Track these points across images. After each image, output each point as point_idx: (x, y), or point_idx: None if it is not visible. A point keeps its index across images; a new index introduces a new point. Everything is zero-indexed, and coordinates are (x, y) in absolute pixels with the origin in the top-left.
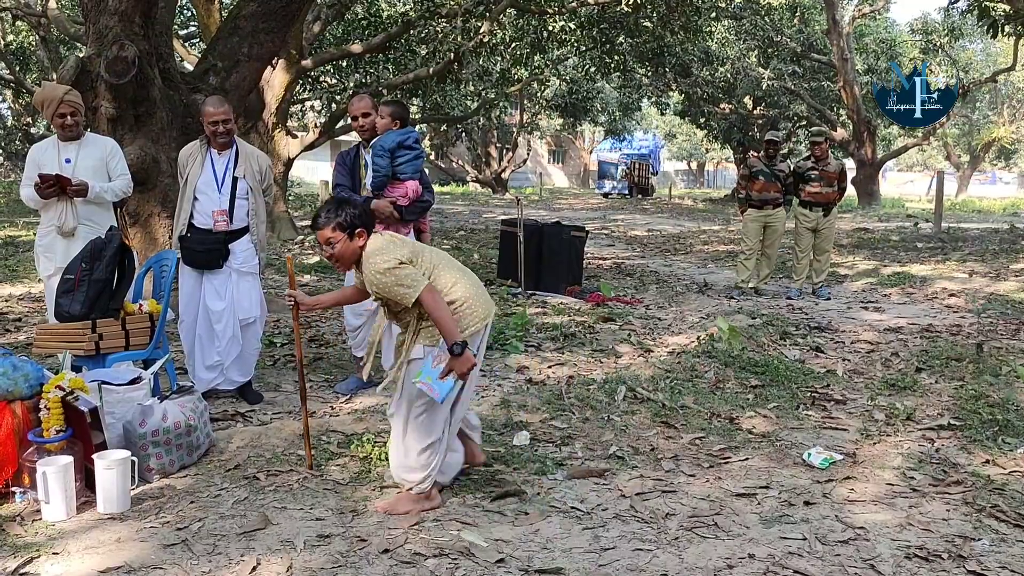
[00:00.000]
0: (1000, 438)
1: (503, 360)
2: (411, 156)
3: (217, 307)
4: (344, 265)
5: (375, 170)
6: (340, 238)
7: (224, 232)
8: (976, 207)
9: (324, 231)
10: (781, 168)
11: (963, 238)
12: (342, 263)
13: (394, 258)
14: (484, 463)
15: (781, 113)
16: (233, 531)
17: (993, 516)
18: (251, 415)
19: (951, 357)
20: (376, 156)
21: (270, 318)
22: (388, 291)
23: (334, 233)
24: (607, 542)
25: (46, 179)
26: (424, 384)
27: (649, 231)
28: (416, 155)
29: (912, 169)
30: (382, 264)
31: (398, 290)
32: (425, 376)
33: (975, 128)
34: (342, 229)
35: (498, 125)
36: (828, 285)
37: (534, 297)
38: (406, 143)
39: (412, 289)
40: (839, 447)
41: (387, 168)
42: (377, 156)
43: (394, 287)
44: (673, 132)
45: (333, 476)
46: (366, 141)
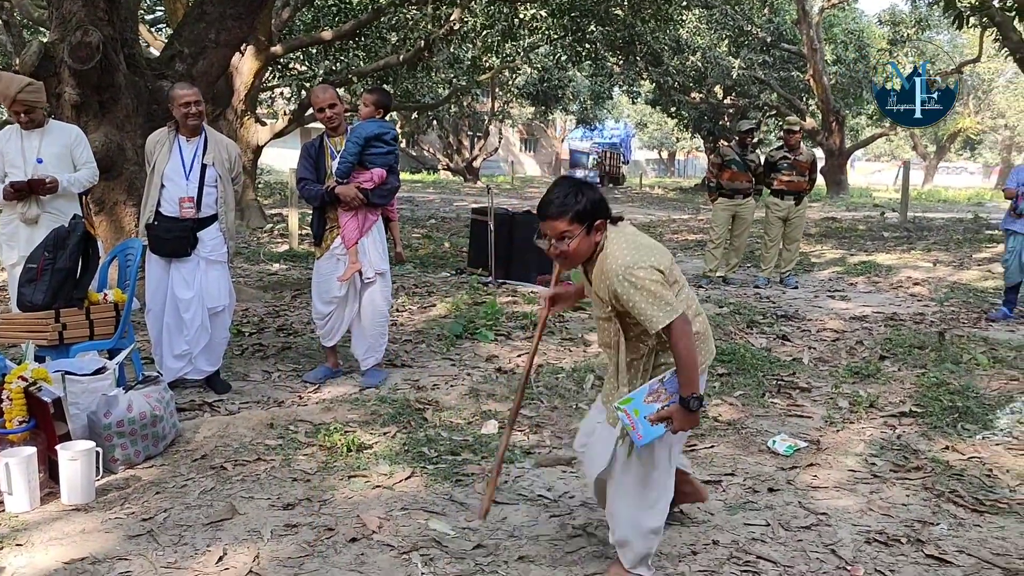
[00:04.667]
0: (959, 425)
1: (473, 349)
2: (384, 151)
3: (185, 296)
4: (573, 264)
5: (343, 157)
6: (577, 231)
7: (192, 220)
8: (941, 197)
9: (558, 222)
10: (752, 158)
11: (928, 228)
12: (572, 262)
13: (651, 267)
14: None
15: (751, 102)
16: (199, 521)
17: (951, 501)
18: (219, 405)
19: (914, 345)
20: (349, 142)
21: (239, 307)
22: (634, 307)
23: (571, 226)
24: (574, 529)
25: (18, 187)
26: (627, 414)
27: None
28: (389, 151)
29: (880, 159)
30: (639, 273)
31: (646, 309)
32: (633, 407)
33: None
34: (580, 220)
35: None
36: (796, 274)
37: (504, 286)
38: (384, 137)
39: (665, 313)
40: (803, 434)
41: (356, 156)
42: (350, 142)
43: (642, 304)
44: (644, 121)
45: (301, 466)
46: (331, 130)
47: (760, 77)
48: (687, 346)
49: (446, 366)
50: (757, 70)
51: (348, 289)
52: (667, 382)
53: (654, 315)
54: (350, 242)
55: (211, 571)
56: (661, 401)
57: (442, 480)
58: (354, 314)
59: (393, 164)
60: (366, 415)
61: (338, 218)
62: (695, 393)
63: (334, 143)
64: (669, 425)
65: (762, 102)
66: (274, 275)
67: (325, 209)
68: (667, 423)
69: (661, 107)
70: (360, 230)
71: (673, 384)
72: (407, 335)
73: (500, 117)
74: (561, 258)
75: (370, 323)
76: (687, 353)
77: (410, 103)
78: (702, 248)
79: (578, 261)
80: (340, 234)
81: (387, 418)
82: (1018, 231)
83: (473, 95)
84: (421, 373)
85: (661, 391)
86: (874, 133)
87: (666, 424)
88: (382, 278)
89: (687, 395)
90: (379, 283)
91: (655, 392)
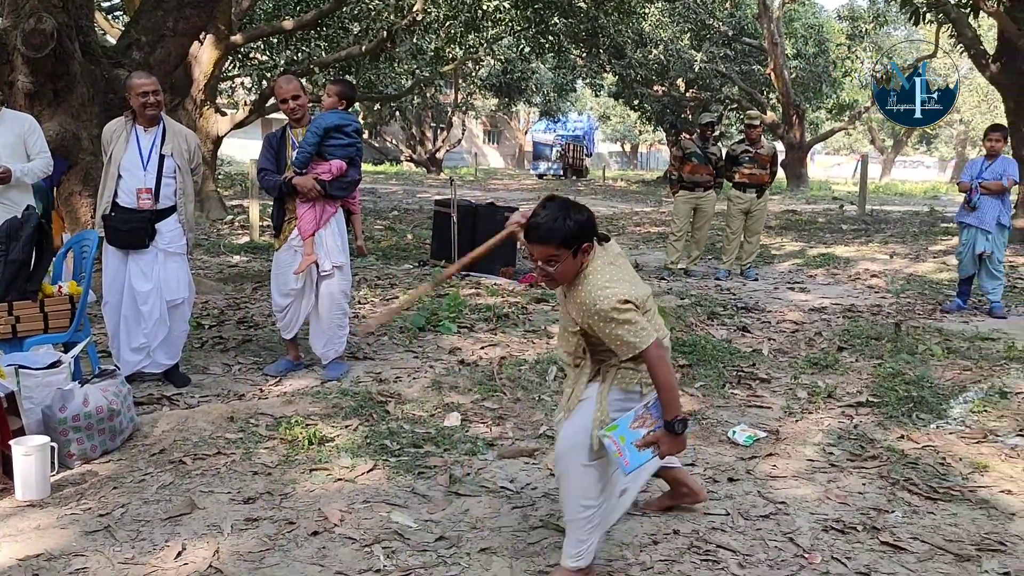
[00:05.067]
0: (915, 414)
1: (436, 341)
2: (344, 143)
3: (143, 288)
4: (557, 285)
5: (301, 147)
6: (565, 255)
7: (150, 211)
8: (899, 190)
9: (546, 246)
10: (713, 151)
11: (886, 220)
12: (556, 283)
13: (623, 298)
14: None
15: (713, 96)
16: (158, 516)
17: (906, 489)
18: (177, 398)
19: (871, 336)
20: (309, 132)
21: (198, 299)
22: (607, 337)
23: (558, 250)
24: (536, 521)
25: None
26: (614, 441)
27: None
28: (350, 143)
29: (839, 152)
30: (607, 304)
31: (620, 337)
32: (619, 434)
33: None
34: (567, 244)
35: (432, 104)
36: (756, 266)
37: (468, 278)
38: (345, 129)
39: (637, 340)
40: (763, 424)
41: (314, 147)
42: (310, 133)
43: (615, 333)
44: (607, 114)
45: (262, 459)
46: (295, 122)
47: (722, 71)
48: (664, 370)
49: (408, 359)
50: (719, 63)
51: (305, 281)
52: (651, 407)
53: (631, 342)
54: (306, 233)
55: (170, 567)
56: (647, 426)
57: (404, 473)
58: (311, 307)
59: (354, 156)
60: (328, 408)
61: (296, 209)
62: (679, 416)
63: (296, 134)
64: (656, 451)
65: (723, 95)
66: (235, 267)
67: (284, 200)
68: (654, 448)
69: (624, 100)
70: (317, 222)
71: (658, 409)
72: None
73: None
74: (547, 280)
75: (327, 316)
76: (665, 377)
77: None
78: (664, 240)
79: (563, 283)
80: (297, 225)
81: (349, 411)
82: (971, 224)
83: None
84: (383, 366)
85: (647, 416)
86: (833, 127)
87: (653, 450)
88: (340, 271)
89: (671, 418)
90: (337, 276)
91: (640, 417)
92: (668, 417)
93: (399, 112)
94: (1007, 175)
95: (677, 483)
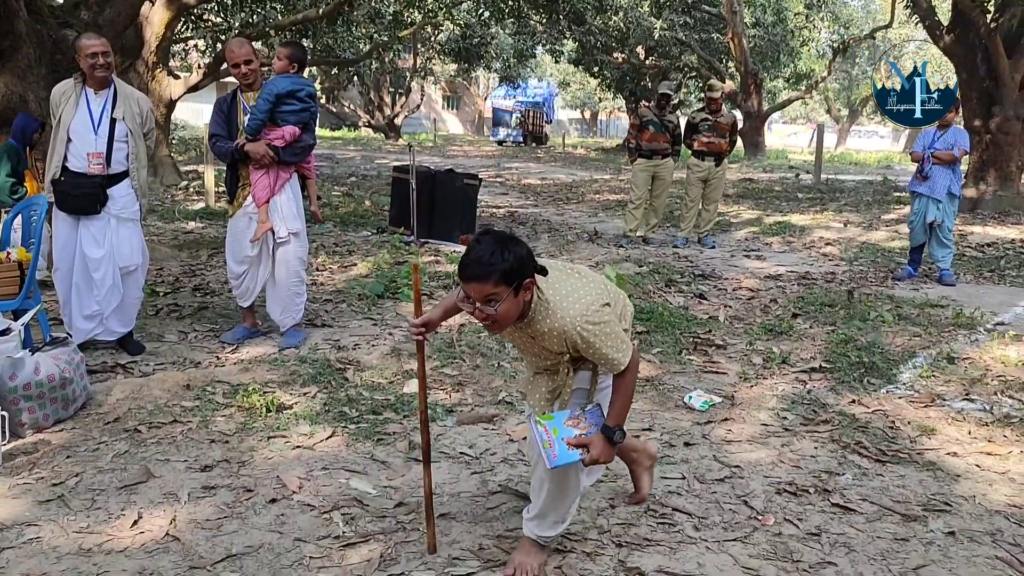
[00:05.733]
0: (865, 379)
1: (394, 309)
2: (297, 108)
3: (95, 254)
4: (502, 327)
5: (253, 113)
6: (505, 293)
7: (101, 176)
8: (853, 160)
9: (483, 285)
10: (670, 119)
11: (840, 189)
12: (501, 325)
13: (602, 305)
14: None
15: (672, 64)
16: (113, 485)
17: (856, 452)
18: (132, 366)
19: (825, 303)
20: (261, 98)
21: (153, 266)
22: (595, 354)
23: (497, 288)
24: (494, 486)
25: None
26: (546, 431)
27: (542, 180)
28: (303, 108)
29: (796, 122)
30: (594, 318)
31: (608, 353)
32: (553, 426)
33: (854, 83)
34: (507, 281)
35: (391, 69)
36: (713, 234)
37: (427, 245)
38: (298, 94)
39: (620, 356)
40: (719, 390)
41: (266, 113)
42: (262, 98)
43: (604, 350)
44: (567, 80)
45: (219, 427)
46: (246, 86)
47: (681, 39)
48: (632, 379)
49: (367, 326)
50: (678, 31)
51: (261, 248)
52: (588, 411)
53: (615, 358)
54: (260, 200)
55: (126, 535)
56: (579, 428)
57: (363, 439)
58: (267, 274)
59: (308, 122)
60: (286, 375)
61: (249, 176)
62: (621, 427)
63: (247, 99)
64: (584, 453)
65: (682, 64)
66: (190, 233)
67: (237, 166)
68: (583, 451)
69: (584, 67)
70: (271, 188)
71: (593, 416)
72: (327, 295)
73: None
74: (489, 323)
75: (284, 283)
76: (629, 388)
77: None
78: (623, 208)
79: (506, 325)
80: (251, 192)
81: (307, 378)
82: (923, 193)
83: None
84: (342, 333)
85: (581, 418)
86: (790, 96)
87: (582, 451)
88: (296, 238)
89: (614, 425)
90: (293, 243)
91: (575, 418)
92: (611, 423)
93: (357, 77)
94: (958, 145)
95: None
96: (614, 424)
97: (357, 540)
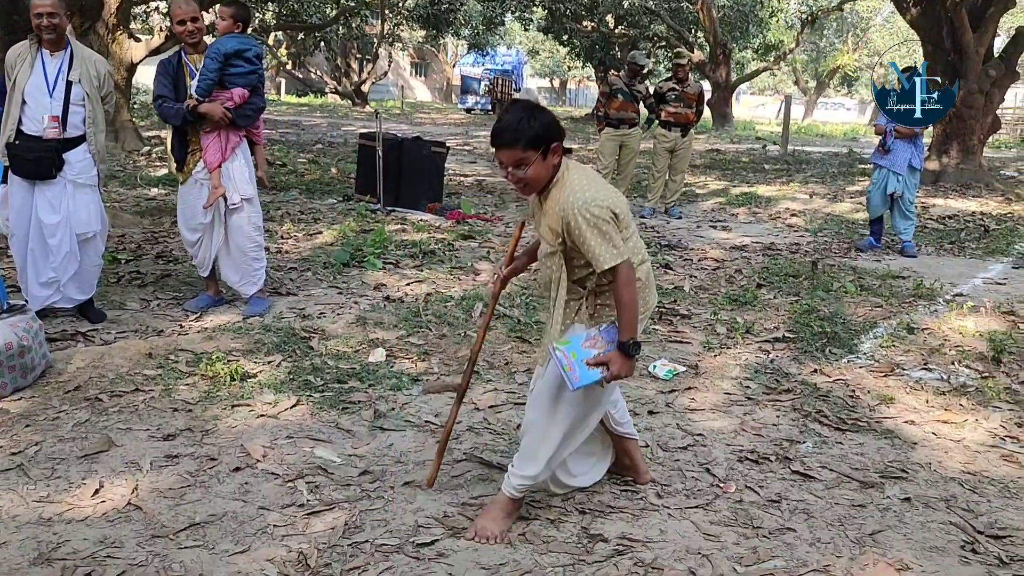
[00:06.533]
0: (827, 349)
1: (360, 277)
2: (246, 70)
3: (51, 220)
4: (533, 190)
5: (202, 74)
6: (533, 157)
7: (57, 140)
8: (820, 132)
9: (514, 150)
10: (639, 89)
11: (806, 161)
12: (532, 188)
13: (607, 207)
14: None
15: (641, 33)
16: (73, 454)
17: (817, 421)
18: (93, 335)
19: (789, 274)
20: (208, 58)
21: (114, 233)
22: (584, 243)
23: (526, 152)
24: (459, 454)
25: None
26: (565, 356)
27: None
28: (252, 71)
29: (763, 93)
30: (595, 210)
31: (595, 247)
32: (571, 350)
33: (822, 55)
34: (535, 145)
35: (358, 35)
36: (680, 204)
37: (393, 214)
38: (246, 55)
39: (612, 255)
40: (683, 359)
41: (216, 74)
42: (209, 59)
43: (592, 242)
44: (536, 49)
45: (182, 396)
46: (191, 47)
47: (651, 8)
48: (630, 292)
49: (332, 294)
50: (648, 0)
51: (213, 215)
52: (604, 331)
53: (602, 254)
54: (212, 165)
55: (87, 504)
56: (598, 348)
57: (328, 408)
58: (221, 240)
59: (257, 84)
60: (250, 344)
61: (199, 140)
62: (634, 338)
63: (193, 60)
64: (605, 371)
65: (652, 33)
66: (152, 200)
67: (185, 131)
68: (603, 368)
69: (553, 35)
70: (223, 152)
71: (609, 334)
72: (292, 263)
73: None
74: (521, 185)
75: (240, 250)
76: (629, 299)
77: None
78: None
79: (537, 187)
80: (202, 157)
81: (272, 347)
82: (883, 165)
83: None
84: (307, 301)
85: (598, 339)
86: (759, 67)
87: (602, 370)
88: (249, 203)
89: (626, 339)
90: (246, 208)
91: (592, 339)
92: (623, 338)
93: (324, 43)
94: None
95: (625, 454)
96: (626, 339)
97: (322, 508)
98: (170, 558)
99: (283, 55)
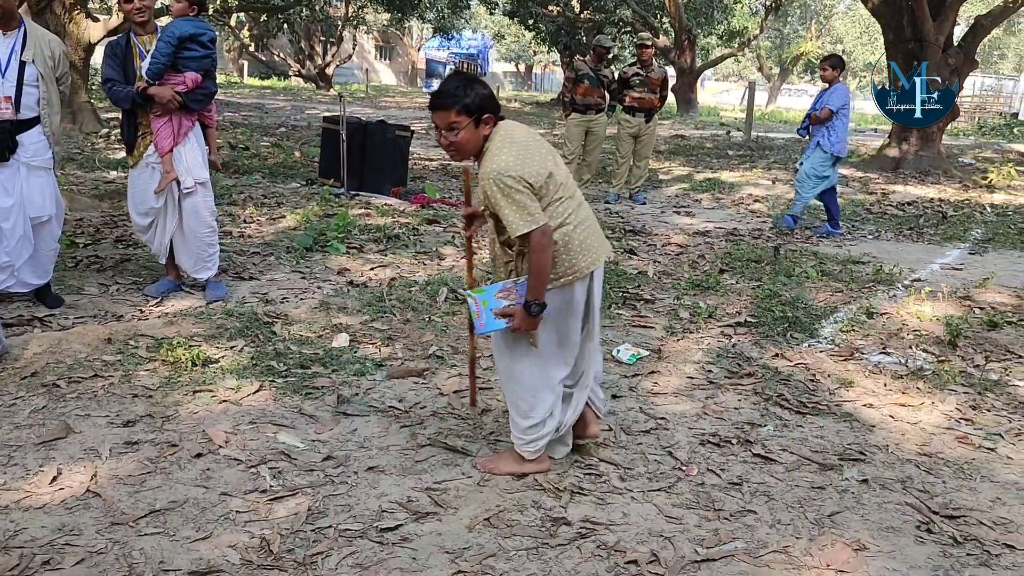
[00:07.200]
0: (789, 334)
1: (324, 262)
2: (199, 54)
3: (3, 203)
4: (462, 155)
5: (154, 57)
6: (465, 123)
7: (9, 121)
8: (783, 118)
9: (447, 113)
10: (605, 74)
11: (770, 147)
12: (461, 153)
13: (520, 177)
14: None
15: (607, 18)
16: (31, 441)
17: (778, 404)
18: (50, 320)
19: (751, 259)
20: (162, 41)
21: (72, 216)
22: (499, 211)
23: (459, 117)
24: (424, 439)
25: None
26: (476, 303)
27: None
28: (205, 55)
29: (728, 79)
30: (507, 180)
31: (509, 215)
32: (483, 298)
33: (786, 42)
34: (468, 112)
35: (322, 17)
36: (644, 190)
37: (357, 198)
38: (200, 39)
39: (525, 222)
40: (646, 344)
41: (168, 57)
42: (163, 42)
43: (506, 210)
44: (502, 33)
45: (142, 382)
46: (140, 27)
47: None
48: (540, 257)
49: (296, 279)
50: None
51: (166, 200)
52: (519, 284)
53: (514, 221)
54: (164, 149)
55: (45, 491)
56: (510, 299)
57: (291, 394)
58: (175, 225)
59: (210, 68)
60: (212, 329)
61: (150, 124)
62: (538, 300)
63: (143, 41)
64: (510, 322)
65: (617, 18)
66: (111, 183)
67: (136, 114)
68: (508, 320)
69: (519, 19)
70: (174, 136)
71: (523, 288)
72: (255, 247)
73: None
74: (451, 149)
75: (194, 235)
76: (539, 263)
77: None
78: None
79: (466, 153)
80: (153, 141)
81: (234, 332)
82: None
83: None
84: (270, 286)
85: (512, 291)
86: (723, 53)
87: (507, 320)
88: (203, 187)
89: (531, 299)
90: (200, 192)
91: (507, 290)
92: (530, 298)
93: (287, 25)
94: (824, 104)
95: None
96: (531, 299)
97: (285, 494)
98: (130, 545)
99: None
